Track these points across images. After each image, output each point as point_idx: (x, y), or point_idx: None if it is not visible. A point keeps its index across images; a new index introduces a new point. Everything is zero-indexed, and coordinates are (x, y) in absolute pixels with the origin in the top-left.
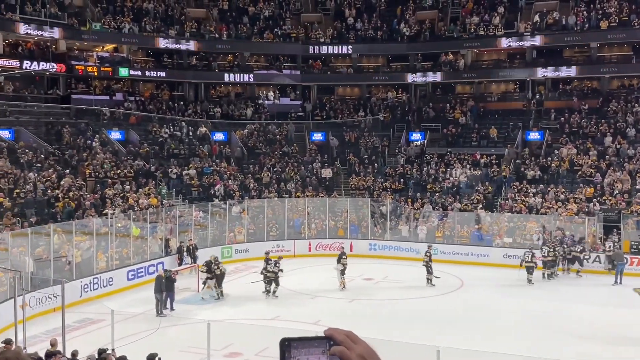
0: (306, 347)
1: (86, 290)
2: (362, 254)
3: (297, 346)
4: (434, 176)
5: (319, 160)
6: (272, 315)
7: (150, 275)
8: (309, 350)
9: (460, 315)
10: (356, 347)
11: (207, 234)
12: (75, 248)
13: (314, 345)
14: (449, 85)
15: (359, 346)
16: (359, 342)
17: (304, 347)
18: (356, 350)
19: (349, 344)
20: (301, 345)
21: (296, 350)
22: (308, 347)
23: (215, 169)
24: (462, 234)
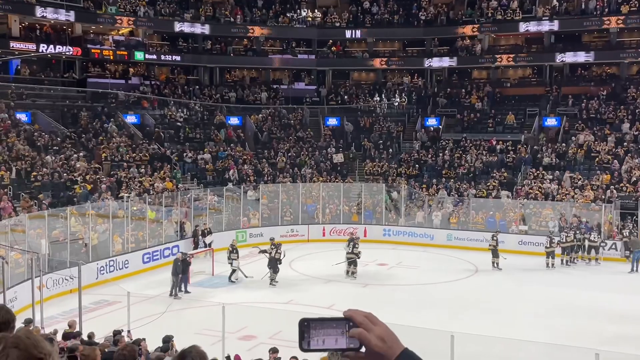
0: (325, 327)
1: (102, 272)
2: (376, 240)
3: (316, 327)
4: (449, 162)
5: (333, 146)
6: (286, 299)
7: (166, 258)
8: (327, 331)
9: (475, 301)
10: (375, 329)
11: (222, 218)
12: (91, 231)
13: (332, 326)
14: (465, 70)
15: (378, 328)
16: (378, 323)
17: (323, 327)
18: (375, 332)
19: (368, 325)
20: (320, 325)
21: (315, 331)
22: (327, 328)
23: (230, 154)
24: (477, 220)
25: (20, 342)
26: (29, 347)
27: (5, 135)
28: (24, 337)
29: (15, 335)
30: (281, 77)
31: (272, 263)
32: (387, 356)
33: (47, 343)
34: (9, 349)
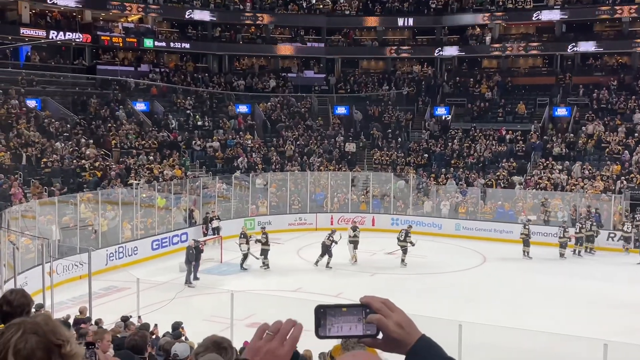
0: (342, 312)
1: (112, 258)
2: (384, 229)
3: (333, 313)
4: (458, 151)
5: (342, 134)
6: (294, 287)
7: (175, 245)
8: (344, 317)
9: (483, 291)
10: (393, 315)
11: (230, 206)
12: (101, 217)
13: (350, 311)
14: (475, 59)
15: (396, 314)
16: (395, 310)
17: (340, 312)
18: (393, 318)
19: (386, 311)
20: (337, 312)
21: (332, 318)
22: (344, 315)
23: (239, 142)
24: (485, 210)
25: (39, 328)
26: (47, 334)
27: (16, 121)
28: (43, 323)
29: (34, 321)
30: (290, 65)
31: (264, 252)
32: (405, 343)
33: (65, 329)
34: (27, 335)
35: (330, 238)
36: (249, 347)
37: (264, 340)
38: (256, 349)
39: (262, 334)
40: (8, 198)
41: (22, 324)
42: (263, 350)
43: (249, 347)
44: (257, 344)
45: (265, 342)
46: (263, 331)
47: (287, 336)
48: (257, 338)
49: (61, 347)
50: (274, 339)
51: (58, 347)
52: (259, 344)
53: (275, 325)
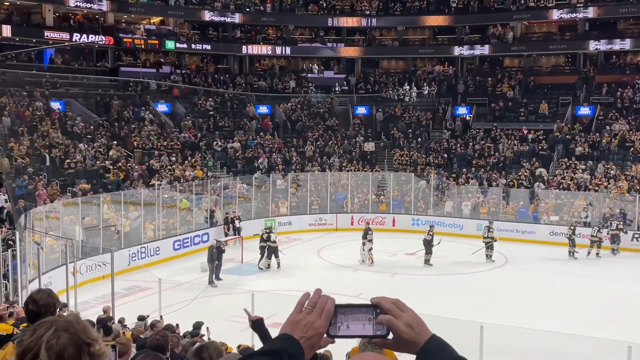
0: (353, 313)
1: (134, 258)
2: (405, 229)
3: (345, 312)
4: (479, 151)
5: (362, 134)
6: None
7: (196, 245)
8: (355, 316)
9: (505, 292)
10: (403, 316)
11: (251, 206)
12: (124, 218)
13: (361, 311)
14: (497, 58)
15: (406, 314)
16: (406, 310)
17: (351, 313)
18: (403, 319)
19: (396, 312)
20: (348, 311)
21: (343, 316)
22: (355, 314)
23: (259, 142)
24: (507, 210)
25: (70, 326)
26: (78, 332)
27: (40, 123)
28: (74, 321)
29: (66, 320)
30: (310, 65)
31: (275, 251)
32: (415, 343)
33: (94, 329)
34: (59, 332)
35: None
36: (288, 320)
37: (303, 314)
38: (296, 322)
39: (301, 308)
40: (33, 199)
41: (54, 322)
42: (302, 322)
43: (289, 320)
44: (296, 317)
45: (304, 315)
46: (302, 305)
47: (323, 309)
48: (297, 312)
49: (90, 345)
50: (312, 312)
51: (87, 346)
52: (298, 317)
53: (313, 299)
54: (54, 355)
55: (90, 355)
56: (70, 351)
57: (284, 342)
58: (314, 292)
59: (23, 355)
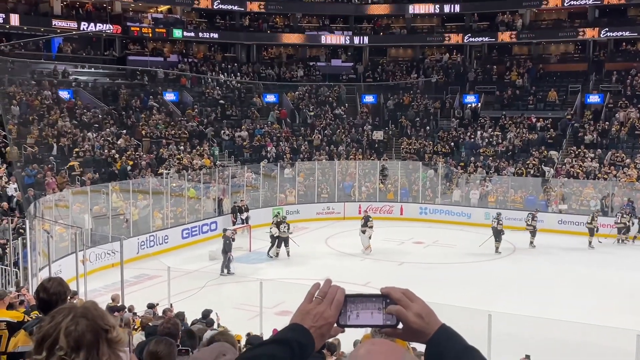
0: (363, 303)
1: (143, 247)
2: (413, 218)
3: (354, 302)
4: (487, 140)
5: (369, 123)
6: (322, 277)
7: (204, 234)
8: (365, 305)
9: (513, 281)
10: (413, 306)
11: (259, 195)
12: (132, 206)
13: (371, 301)
14: (505, 46)
15: (416, 304)
16: (416, 300)
17: (361, 302)
18: (413, 309)
19: (405, 302)
20: (358, 301)
21: (353, 306)
22: (365, 303)
23: (267, 131)
24: (515, 198)
25: (88, 313)
26: (96, 318)
27: (48, 112)
28: (92, 308)
29: (84, 306)
30: (318, 54)
31: (285, 240)
32: (425, 332)
33: (111, 316)
34: (78, 318)
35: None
36: (298, 310)
37: (313, 304)
38: (306, 312)
39: (311, 298)
40: (42, 187)
41: (73, 308)
42: (313, 312)
43: (299, 309)
44: (306, 307)
45: (315, 305)
46: (312, 295)
47: (333, 299)
48: (307, 302)
49: (108, 332)
50: (322, 302)
51: (105, 332)
52: (308, 307)
53: (323, 289)
54: (73, 341)
55: (107, 342)
56: (88, 337)
57: (294, 331)
58: (324, 282)
59: (42, 341)
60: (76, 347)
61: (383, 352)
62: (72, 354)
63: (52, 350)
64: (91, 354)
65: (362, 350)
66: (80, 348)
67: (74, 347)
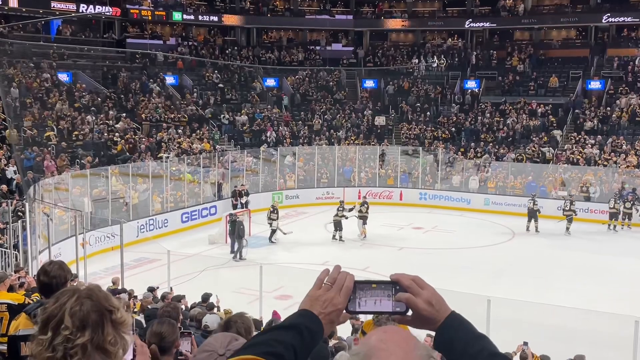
0: (372, 290)
1: (142, 230)
2: (412, 203)
3: (364, 288)
4: (488, 125)
5: (370, 108)
6: (322, 261)
7: (204, 218)
8: (375, 292)
9: (512, 267)
10: (423, 293)
11: (259, 180)
12: (132, 190)
13: (380, 287)
14: (507, 31)
15: (426, 291)
16: (426, 287)
17: (370, 290)
18: (423, 296)
19: (415, 289)
20: (367, 287)
21: (362, 292)
22: (374, 291)
23: (267, 115)
24: (514, 184)
25: (92, 294)
26: (101, 299)
27: (47, 95)
28: (96, 290)
29: (89, 288)
30: (318, 38)
31: None
32: (435, 320)
33: (115, 298)
34: (82, 299)
35: (339, 213)
36: (308, 296)
37: (322, 290)
38: (315, 298)
39: (321, 284)
40: (42, 171)
41: (76, 290)
42: (322, 298)
43: (308, 295)
44: (315, 293)
45: (324, 291)
46: (321, 281)
47: (342, 285)
48: (316, 288)
49: (112, 313)
50: (331, 289)
51: (110, 313)
52: (317, 293)
53: (332, 276)
54: (78, 321)
55: (112, 323)
56: (93, 317)
57: (303, 317)
58: (333, 269)
59: (47, 321)
60: (81, 326)
61: (396, 340)
62: (78, 333)
63: (58, 330)
64: (96, 333)
65: (374, 339)
66: (86, 328)
67: (79, 326)
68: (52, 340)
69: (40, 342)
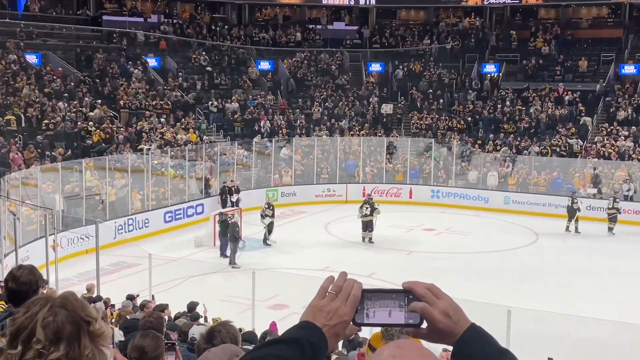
0: (382, 299)
1: (120, 231)
2: (423, 202)
3: (372, 297)
4: (508, 115)
5: (376, 95)
6: (322, 266)
7: (189, 217)
8: (384, 303)
9: (534, 273)
10: (439, 303)
11: (251, 175)
12: (109, 186)
13: (391, 297)
14: (530, 9)
15: (442, 301)
16: (442, 296)
17: (379, 299)
18: (439, 307)
19: (430, 298)
20: (376, 297)
21: (370, 302)
22: (384, 300)
23: (260, 102)
24: (539, 181)
25: (67, 303)
26: (76, 309)
27: (13, 78)
28: (72, 298)
29: (63, 296)
30: (318, 16)
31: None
32: (453, 333)
33: (93, 308)
34: (56, 308)
35: (365, 211)
36: (310, 306)
37: (326, 300)
38: (318, 308)
39: (324, 293)
40: (7, 164)
41: (50, 298)
42: (326, 309)
43: (311, 306)
44: (319, 303)
45: (328, 301)
46: (325, 290)
47: (349, 295)
48: (319, 297)
49: (90, 324)
50: (336, 298)
51: (87, 324)
52: (321, 303)
53: (337, 283)
54: (51, 333)
55: (89, 335)
56: (68, 329)
57: (305, 330)
58: (338, 276)
59: (17, 334)
60: (55, 339)
61: (410, 356)
62: (51, 347)
63: (29, 343)
64: (72, 347)
65: (386, 354)
66: (60, 341)
67: (53, 339)
68: (22, 355)
69: (9, 357)
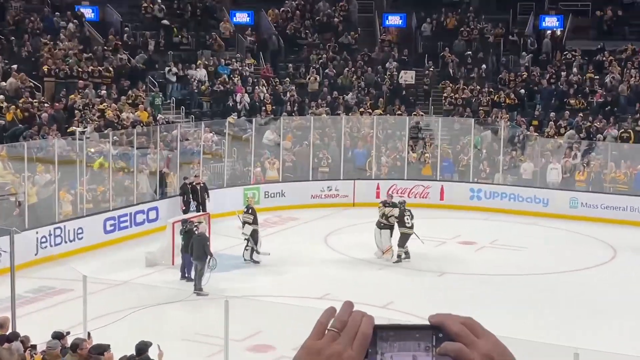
0: (401, 339)
1: (44, 245)
2: (459, 205)
3: (388, 337)
4: (576, 86)
5: (394, 58)
6: (320, 293)
7: (139, 226)
8: (404, 344)
9: (610, 302)
10: (479, 343)
11: (223, 168)
12: (28, 182)
13: (413, 337)
14: None
15: (483, 341)
16: (483, 335)
17: (398, 339)
18: (480, 348)
19: (467, 337)
20: (394, 336)
21: (385, 344)
22: (404, 340)
23: (236, 69)
24: (617, 177)
25: None
26: None
27: None
28: None
29: None
30: None
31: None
32: None
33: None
34: None
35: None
36: (304, 349)
37: (325, 340)
38: (315, 352)
39: (323, 330)
40: None
41: None
42: (325, 353)
43: (305, 348)
44: (315, 344)
45: (328, 342)
46: (324, 326)
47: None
48: (316, 336)
49: None
50: (339, 338)
51: None
52: (318, 344)
53: (340, 317)
54: None
55: None
56: None
57: None
58: (341, 307)
59: None
60: None
61: None
62: None
63: None
64: None
65: None
66: None
67: None
68: None
69: None
